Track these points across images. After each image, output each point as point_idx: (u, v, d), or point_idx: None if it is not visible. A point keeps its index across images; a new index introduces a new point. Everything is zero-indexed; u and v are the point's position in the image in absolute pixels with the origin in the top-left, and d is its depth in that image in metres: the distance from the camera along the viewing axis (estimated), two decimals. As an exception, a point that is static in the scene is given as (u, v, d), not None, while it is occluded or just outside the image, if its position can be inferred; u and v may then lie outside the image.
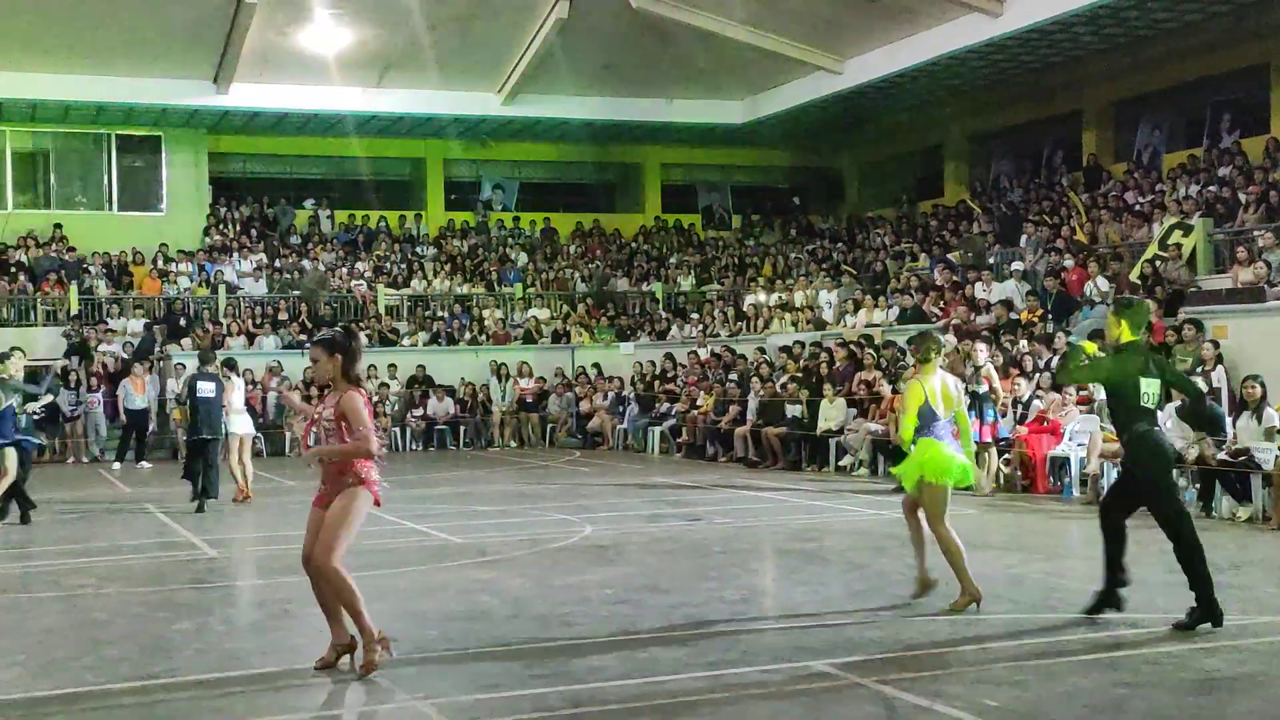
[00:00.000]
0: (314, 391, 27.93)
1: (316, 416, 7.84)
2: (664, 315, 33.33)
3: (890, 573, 10.98)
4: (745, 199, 40.46)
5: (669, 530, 14.35)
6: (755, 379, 25.05)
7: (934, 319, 24.54)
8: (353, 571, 9.46)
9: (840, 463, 21.92)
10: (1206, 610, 8.49)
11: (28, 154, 34.44)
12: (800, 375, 24.15)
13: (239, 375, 19.09)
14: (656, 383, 28.94)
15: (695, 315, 32.36)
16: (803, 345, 25.84)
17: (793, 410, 23.27)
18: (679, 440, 26.54)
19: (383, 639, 7.72)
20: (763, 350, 26.85)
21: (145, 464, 25.80)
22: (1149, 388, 8.80)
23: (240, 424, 18.57)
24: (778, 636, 8.64)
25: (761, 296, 31.00)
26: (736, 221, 39.82)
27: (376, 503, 7.93)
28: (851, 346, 23.93)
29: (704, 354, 28.94)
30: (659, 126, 36.02)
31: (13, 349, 16.55)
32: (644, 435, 27.71)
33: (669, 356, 29.67)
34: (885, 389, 21.36)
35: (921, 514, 9.57)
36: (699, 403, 26.59)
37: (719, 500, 17.62)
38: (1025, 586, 10.38)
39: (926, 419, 9.50)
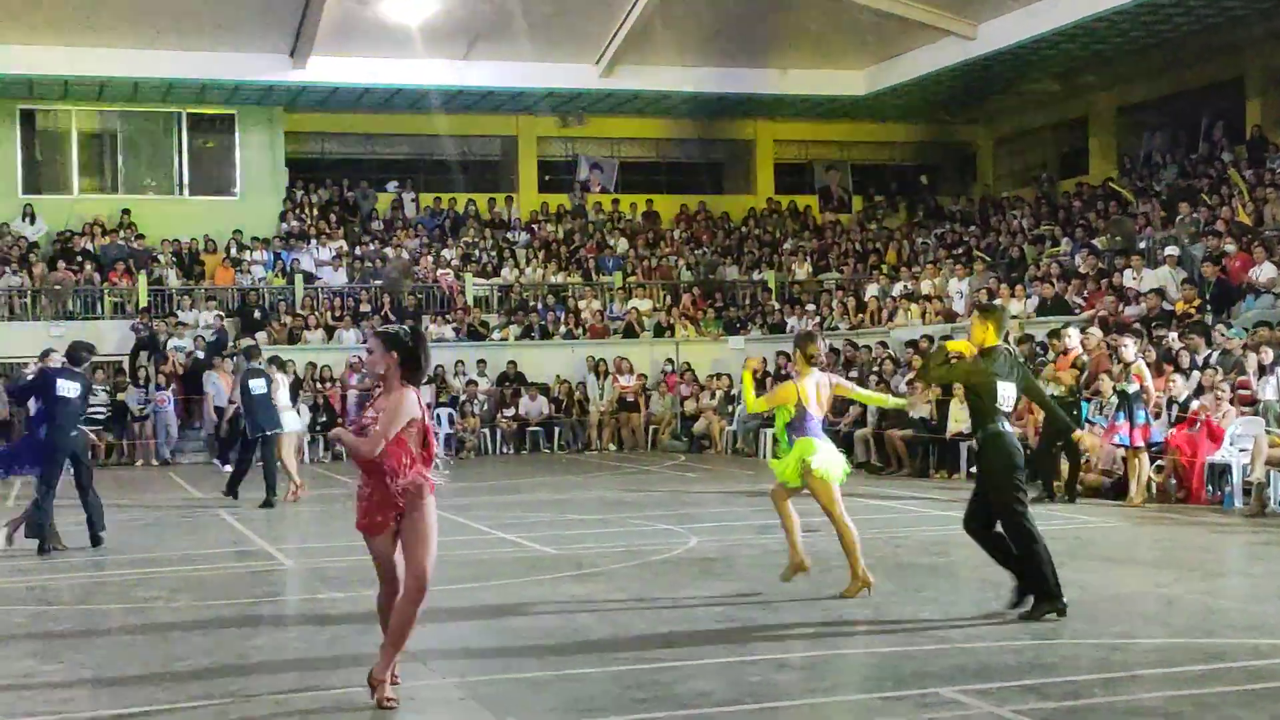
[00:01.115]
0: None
1: (369, 423, 7.78)
2: (777, 306, 33.22)
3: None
4: (867, 178, 40.19)
5: (782, 542, 14.31)
6: (878, 376, 24.90)
7: (1077, 310, 24.21)
8: (438, 585, 9.56)
9: (972, 469, 21.71)
10: (1042, 598, 9.70)
11: (94, 135, 35.27)
12: (928, 372, 23.91)
13: (284, 372, 20.48)
14: (769, 380, 28.86)
15: (811, 306, 32.22)
16: (930, 339, 25.63)
17: (919, 411, 23.11)
18: (794, 444, 26.41)
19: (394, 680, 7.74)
20: (886, 345, 26.65)
21: (227, 467, 26.25)
22: (1006, 391, 9.92)
23: (287, 421, 19.86)
24: (902, 659, 8.59)
25: (885, 286, 30.77)
26: (857, 203, 39.58)
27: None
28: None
29: (823, 348, 28.75)
30: (771, 99, 35.91)
31: (47, 351, 16.28)
32: (755, 438, 27.62)
33: (782, 352, 29.58)
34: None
35: (790, 502, 11.08)
36: (816, 402, 26.45)
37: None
38: (1179, 608, 10.22)
39: (801, 419, 10.85)
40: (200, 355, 29.28)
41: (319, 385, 29.20)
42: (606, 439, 30.25)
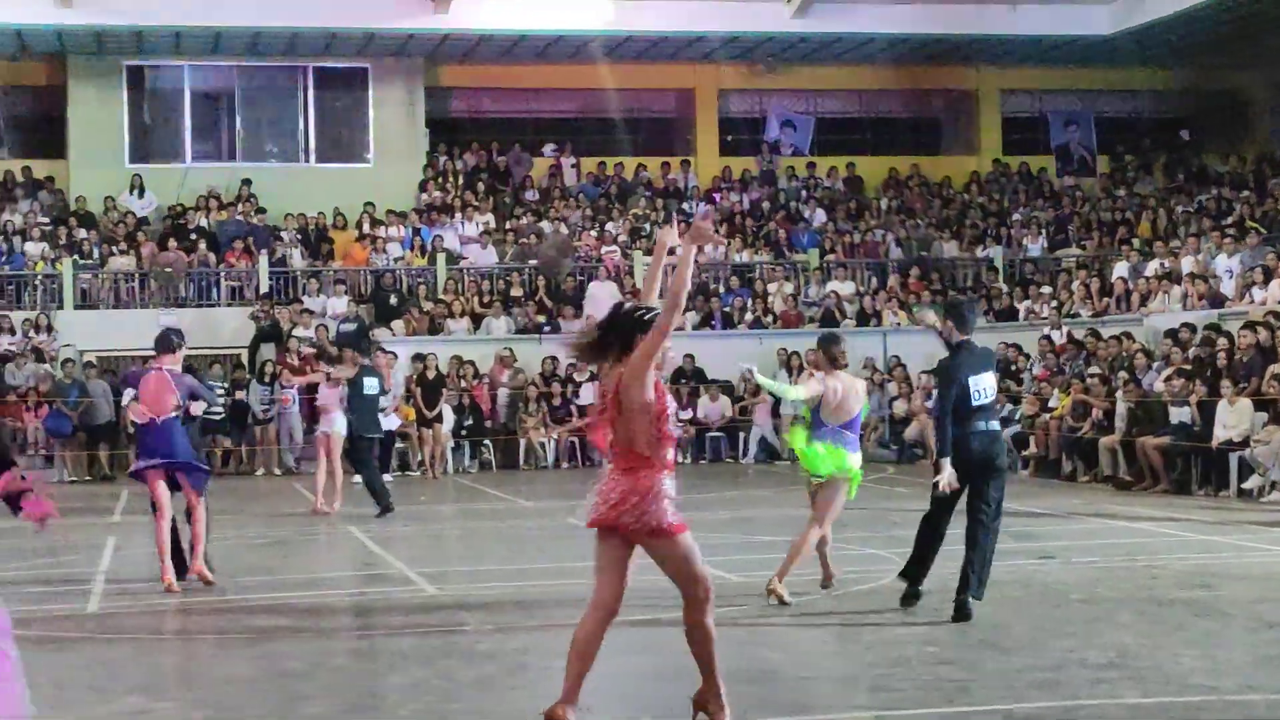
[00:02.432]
0: (560, 389, 28.57)
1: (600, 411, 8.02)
2: (1005, 289, 32.83)
3: (1313, 633, 10.59)
4: (1114, 134, 39.56)
5: (1012, 571, 14.13)
6: (1126, 373, 24.50)
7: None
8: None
9: (1244, 485, 21.27)
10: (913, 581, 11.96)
11: (209, 95, 36.16)
12: (1190, 368, 23.51)
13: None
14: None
15: (1047, 289, 31.79)
16: (1193, 328, 25.12)
17: (1179, 415, 22.67)
18: (1024, 453, 26.15)
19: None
20: (1130, 336, 26.19)
21: (388, 477, 26.77)
22: (980, 385, 11.48)
23: (338, 423, 21.10)
24: (1158, 713, 8.44)
25: (1136, 264, 30.23)
26: (1103, 164, 38.96)
27: None
28: (1260, 329, 23.16)
29: (1059, 339, 28.41)
30: (998, 41, 35.54)
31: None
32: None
33: (1013, 344, 29.21)
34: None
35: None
36: (1052, 404, 26.13)
37: (1078, 532, 17.27)
38: None
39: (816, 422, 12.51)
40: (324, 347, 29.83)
41: (464, 382, 29.52)
42: (801, 447, 30.09)
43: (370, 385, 21.03)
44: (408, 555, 16.14)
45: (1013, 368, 28.50)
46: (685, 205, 36.32)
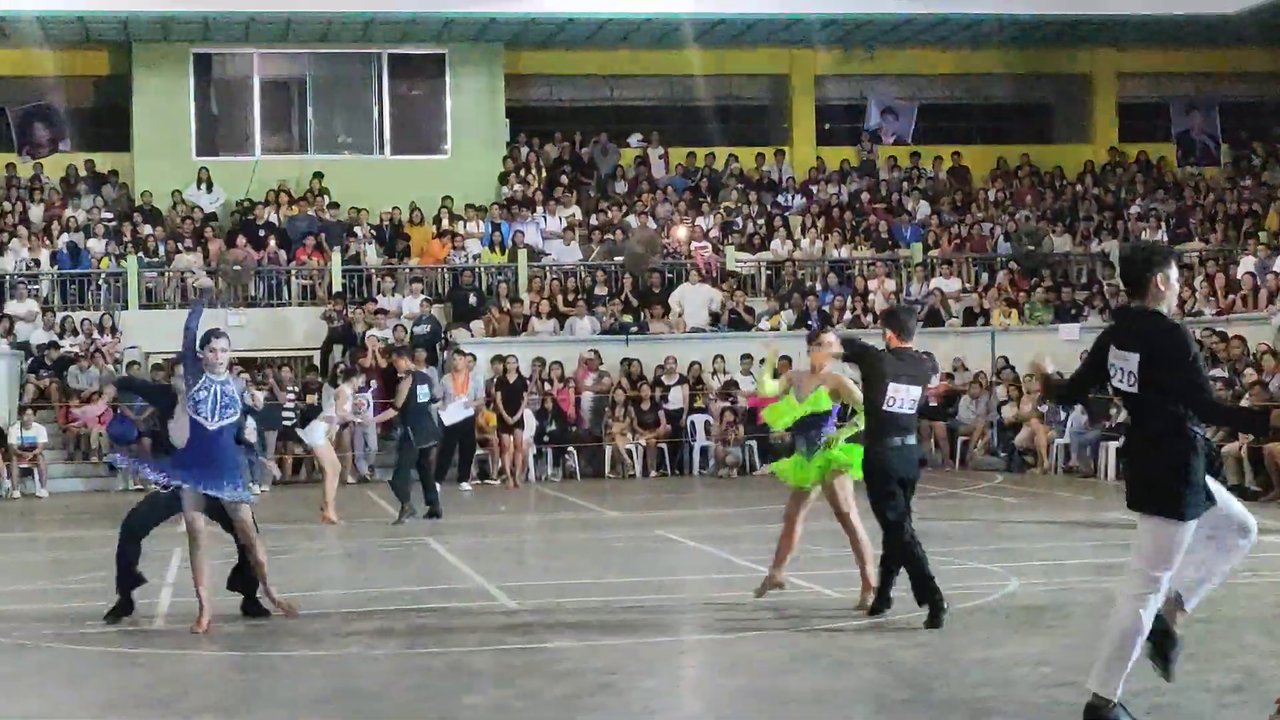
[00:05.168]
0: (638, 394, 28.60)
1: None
2: (1121, 285, 32.50)
3: None
4: (1239, 121, 39.15)
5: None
6: (1254, 374, 24.26)
7: None
8: (689, 633, 9.68)
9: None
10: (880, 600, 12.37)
11: (279, 84, 36.44)
12: (1321, 370, 23.27)
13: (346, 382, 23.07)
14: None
15: (1167, 285, 31.49)
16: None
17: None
18: (1142, 461, 25.89)
19: None
20: (1257, 336, 25.94)
21: (467, 486, 26.98)
22: (897, 394, 12.04)
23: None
24: (1286, 741, 8.36)
25: (1264, 259, 29.91)
26: (1226, 153, 38.58)
27: None
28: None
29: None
30: (1114, 21, 35.31)
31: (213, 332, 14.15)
32: (1093, 454, 27.16)
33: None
34: None
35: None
36: (1172, 408, 25.89)
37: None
38: None
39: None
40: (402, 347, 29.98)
41: (547, 386, 29.58)
42: (903, 454, 30.00)
43: (423, 393, 21.62)
44: (487, 568, 16.21)
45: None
46: (780, 198, 36.32)
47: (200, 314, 12.79)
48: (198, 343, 12.51)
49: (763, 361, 12.72)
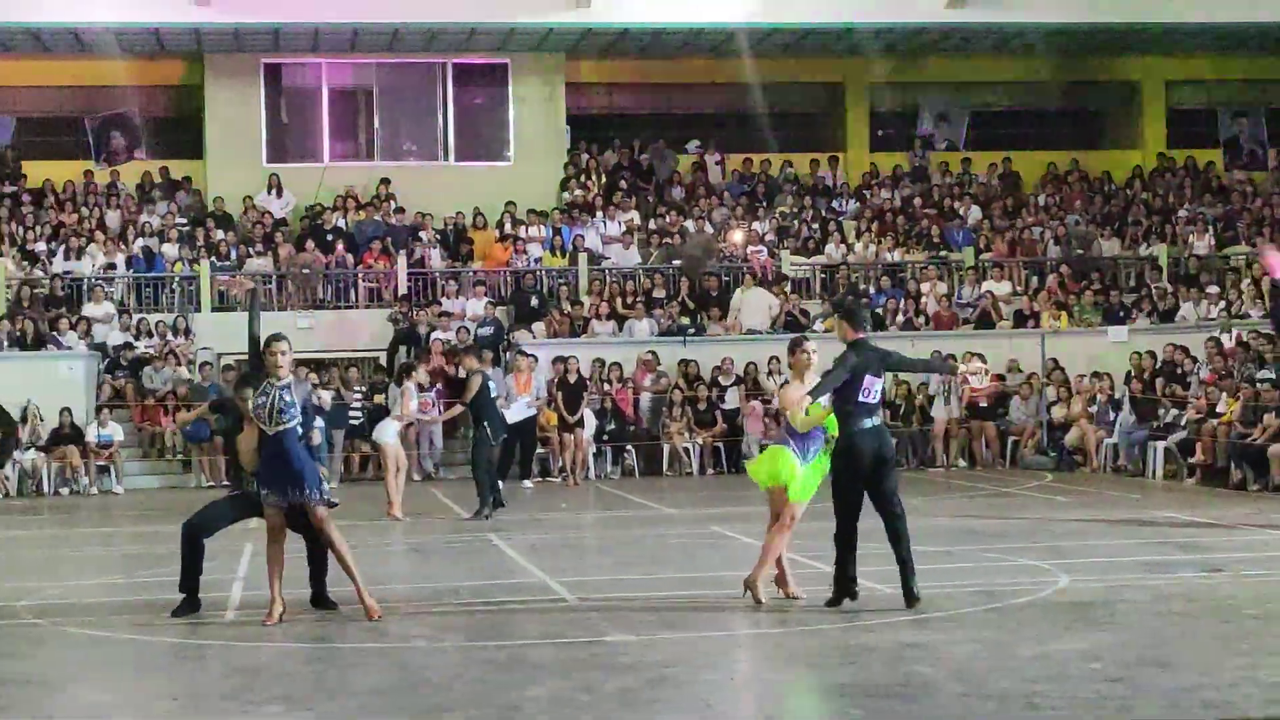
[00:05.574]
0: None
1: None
2: (1169, 288, 32.36)
3: None
4: (1288, 127, 38.91)
5: (1179, 584, 13.94)
6: (1301, 376, 24.08)
7: None
8: (745, 628, 9.64)
9: None
10: (844, 588, 12.66)
11: (347, 92, 36.61)
12: (1368, 371, 23.04)
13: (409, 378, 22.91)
14: (1159, 381, 28.17)
15: (1215, 289, 31.30)
16: (1371, 329, 24.63)
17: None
18: (1191, 460, 25.75)
19: None
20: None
21: (529, 484, 27.00)
22: (870, 385, 12.53)
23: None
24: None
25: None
26: (1274, 158, 38.30)
27: None
28: None
29: (1227, 341, 27.95)
30: (1163, 29, 35.07)
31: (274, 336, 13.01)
32: (1142, 453, 27.02)
33: (1179, 346, 28.79)
34: None
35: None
36: (1220, 409, 25.72)
37: (1249, 544, 16.99)
38: None
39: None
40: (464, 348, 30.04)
41: (606, 386, 29.61)
42: (954, 453, 29.92)
43: (493, 389, 22.15)
44: (548, 564, 16.22)
45: (1178, 371, 28.09)
46: (835, 203, 36.24)
47: (259, 318, 12.82)
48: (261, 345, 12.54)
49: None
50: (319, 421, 13.36)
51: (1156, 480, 26.18)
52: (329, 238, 33.38)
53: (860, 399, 12.47)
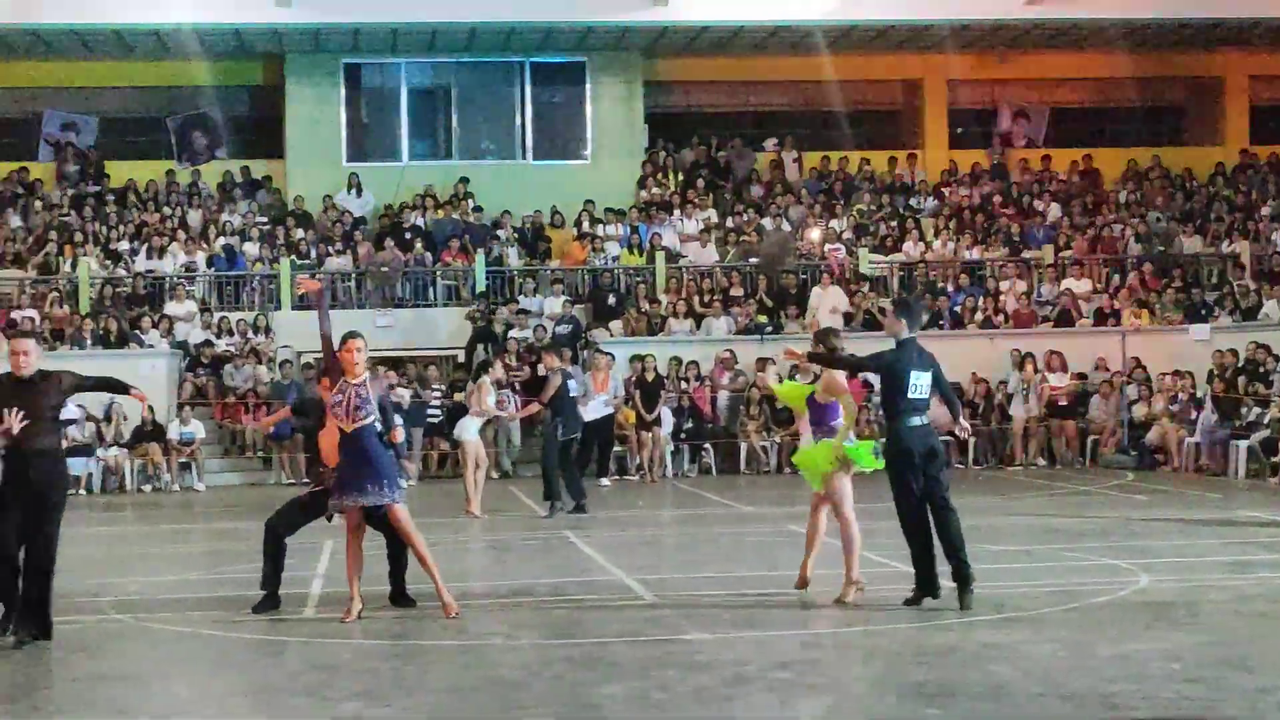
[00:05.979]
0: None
1: None
2: (1252, 286, 32.08)
3: None
4: (1372, 121, 38.49)
5: (1262, 584, 13.83)
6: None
7: None
8: (821, 627, 9.61)
9: None
10: (924, 586, 12.58)
11: (426, 92, 36.85)
12: None
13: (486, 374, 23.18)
14: (1243, 380, 27.93)
15: (1298, 286, 31.00)
16: None
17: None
18: (1274, 459, 25.54)
19: None
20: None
21: (606, 481, 27.05)
22: (919, 380, 12.50)
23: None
24: None
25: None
26: (1359, 153, 37.94)
27: None
28: None
29: (1311, 339, 27.72)
30: (1246, 24, 34.80)
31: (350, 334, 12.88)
32: (1224, 452, 26.79)
33: (1261, 344, 28.53)
34: None
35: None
36: (1304, 408, 25.52)
37: (1334, 544, 16.81)
38: None
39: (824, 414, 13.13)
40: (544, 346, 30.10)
41: (683, 384, 29.61)
42: (1034, 452, 29.75)
43: (573, 387, 22.12)
44: (625, 562, 16.25)
45: (1261, 369, 27.85)
46: (913, 201, 36.11)
47: (328, 317, 12.75)
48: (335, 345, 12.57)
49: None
50: (398, 419, 13.38)
51: (1239, 480, 25.98)
52: (408, 236, 33.58)
53: (910, 395, 12.51)
